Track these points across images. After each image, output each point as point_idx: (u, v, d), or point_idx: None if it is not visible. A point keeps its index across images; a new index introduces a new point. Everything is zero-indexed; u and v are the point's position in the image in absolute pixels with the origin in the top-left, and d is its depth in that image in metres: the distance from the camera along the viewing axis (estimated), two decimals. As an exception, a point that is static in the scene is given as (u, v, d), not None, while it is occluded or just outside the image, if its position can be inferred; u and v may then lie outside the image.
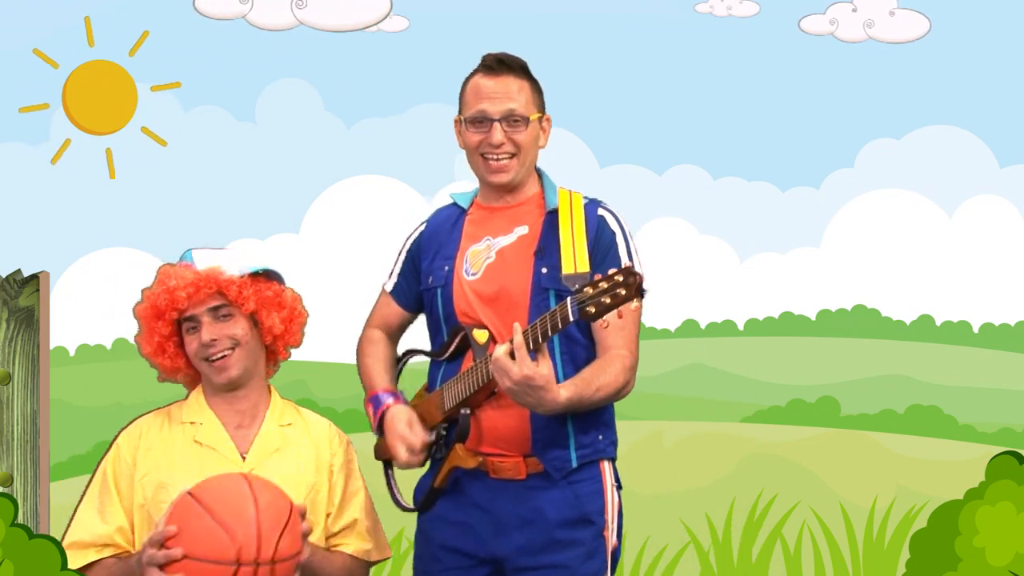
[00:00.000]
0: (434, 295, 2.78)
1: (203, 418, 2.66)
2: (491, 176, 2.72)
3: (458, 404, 2.68)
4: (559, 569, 2.65)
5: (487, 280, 2.71)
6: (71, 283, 4.14)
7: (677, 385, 4.35)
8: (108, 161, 4.14)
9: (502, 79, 2.72)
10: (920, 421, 4.35)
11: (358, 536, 2.71)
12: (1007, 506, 2.46)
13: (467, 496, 2.73)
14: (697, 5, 4.39)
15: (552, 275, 2.64)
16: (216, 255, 2.69)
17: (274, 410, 2.71)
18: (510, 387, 2.47)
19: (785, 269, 4.41)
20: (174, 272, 2.63)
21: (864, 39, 4.41)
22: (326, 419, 2.79)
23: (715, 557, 4.26)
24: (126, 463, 2.64)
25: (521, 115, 2.70)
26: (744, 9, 4.38)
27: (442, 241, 2.82)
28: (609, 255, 2.67)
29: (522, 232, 2.73)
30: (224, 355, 2.61)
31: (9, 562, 2.28)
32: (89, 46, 4.13)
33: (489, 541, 2.70)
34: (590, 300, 2.35)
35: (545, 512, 2.66)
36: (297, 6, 4.07)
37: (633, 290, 2.33)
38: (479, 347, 2.67)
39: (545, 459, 2.66)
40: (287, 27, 4.21)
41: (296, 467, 2.65)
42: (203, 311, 2.61)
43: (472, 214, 2.82)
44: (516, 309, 2.64)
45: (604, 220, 2.72)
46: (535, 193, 2.78)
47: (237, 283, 2.63)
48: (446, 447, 2.74)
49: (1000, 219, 4.45)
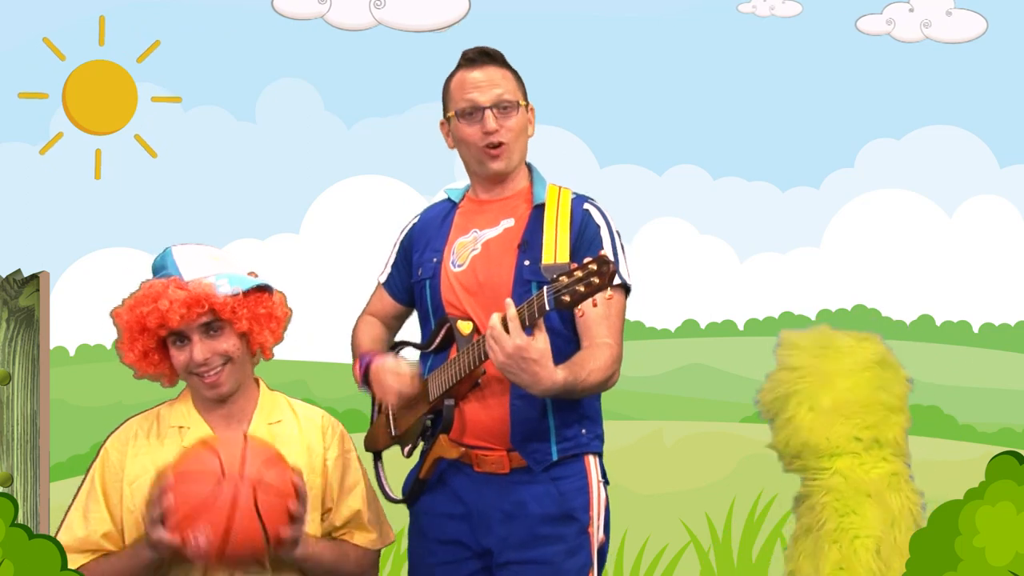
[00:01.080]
0: (423, 287, 2.81)
1: (191, 422, 2.64)
2: (492, 163, 2.74)
3: (442, 394, 2.69)
4: (542, 565, 2.65)
5: (471, 271, 2.73)
6: (71, 283, 4.14)
7: (677, 385, 4.35)
8: (96, 161, 4.14)
9: (486, 69, 2.75)
10: (920, 421, 4.34)
11: (361, 527, 2.70)
12: (1007, 506, 2.46)
13: (454, 489, 2.74)
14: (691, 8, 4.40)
15: (534, 267, 2.65)
16: (201, 263, 2.62)
17: (262, 408, 2.67)
18: (503, 361, 2.45)
19: (785, 269, 4.41)
20: (163, 290, 2.55)
21: (921, 39, 4.41)
22: (319, 410, 2.75)
23: (715, 557, 4.27)
24: (115, 467, 2.62)
25: (510, 100, 2.74)
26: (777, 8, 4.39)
27: (432, 234, 2.85)
28: (592, 247, 2.68)
29: (508, 224, 2.75)
30: (217, 371, 2.58)
31: (9, 562, 2.27)
32: (99, 45, 4.14)
33: (479, 533, 2.71)
34: (565, 289, 2.36)
35: (527, 507, 2.66)
36: (375, 6, 4.08)
37: (607, 278, 2.33)
38: (463, 338, 2.67)
39: (525, 452, 2.66)
40: (365, 27, 4.22)
41: None
42: (194, 327, 2.56)
43: (462, 207, 2.85)
44: (499, 300, 2.64)
45: (589, 214, 2.73)
46: (524, 187, 2.80)
47: (231, 304, 2.57)
48: (432, 438, 2.75)
49: (1000, 219, 4.45)
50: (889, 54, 4.41)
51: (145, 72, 4.20)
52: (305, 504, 2.45)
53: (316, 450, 2.67)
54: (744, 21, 4.40)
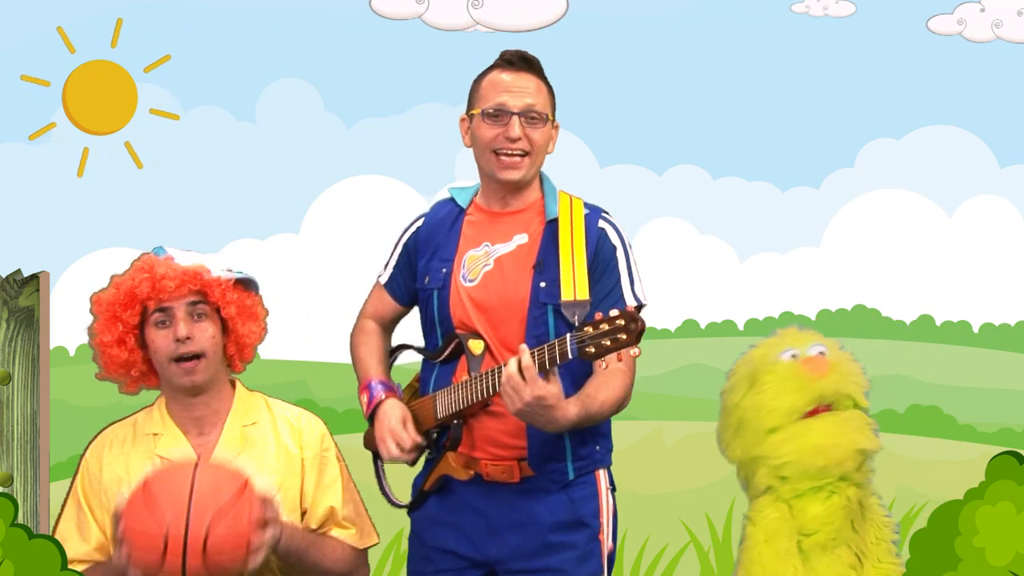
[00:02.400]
0: (430, 296, 2.76)
1: (163, 428, 2.63)
2: (502, 173, 2.69)
3: (451, 415, 2.67)
4: (553, 573, 2.64)
5: (484, 289, 2.69)
6: (71, 283, 4.13)
7: (677, 385, 4.34)
8: (81, 160, 4.14)
9: (523, 75, 2.70)
10: (920, 421, 4.35)
11: (337, 525, 2.67)
12: (1007, 506, 2.46)
13: (460, 498, 2.72)
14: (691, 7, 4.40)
15: (550, 290, 2.62)
16: (193, 255, 2.64)
17: (237, 411, 2.66)
18: (521, 408, 2.45)
19: (785, 269, 4.41)
20: (159, 261, 2.59)
21: (992, 39, 4.40)
22: (298, 409, 2.73)
23: (715, 557, 4.26)
24: (94, 478, 2.63)
25: (540, 112, 2.68)
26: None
27: (440, 242, 2.79)
28: (608, 270, 2.66)
29: (521, 241, 2.71)
30: (196, 356, 2.57)
31: (9, 562, 2.27)
32: (111, 47, 4.14)
33: (482, 544, 2.69)
34: (590, 340, 2.34)
35: (538, 516, 2.65)
36: (473, 6, 4.06)
37: (635, 336, 2.32)
38: (474, 358, 2.65)
39: (542, 472, 2.65)
40: (463, 27, 4.21)
41: (260, 469, 2.57)
42: (180, 304, 2.56)
43: (471, 215, 2.79)
44: (512, 321, 2.63)
45: (605, 233, 2.69)
46: (536, 199, 2.75)
47: (222, 285, 2.60)
48: (437, 451, 2.73)
49: (1000, 219, 4.44)
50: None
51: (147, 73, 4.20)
52: (276, 522, 2.41)
53: (292, 451, 2.65)
54: (744, 21, 4.40)
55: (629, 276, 2.67)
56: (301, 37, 4.26)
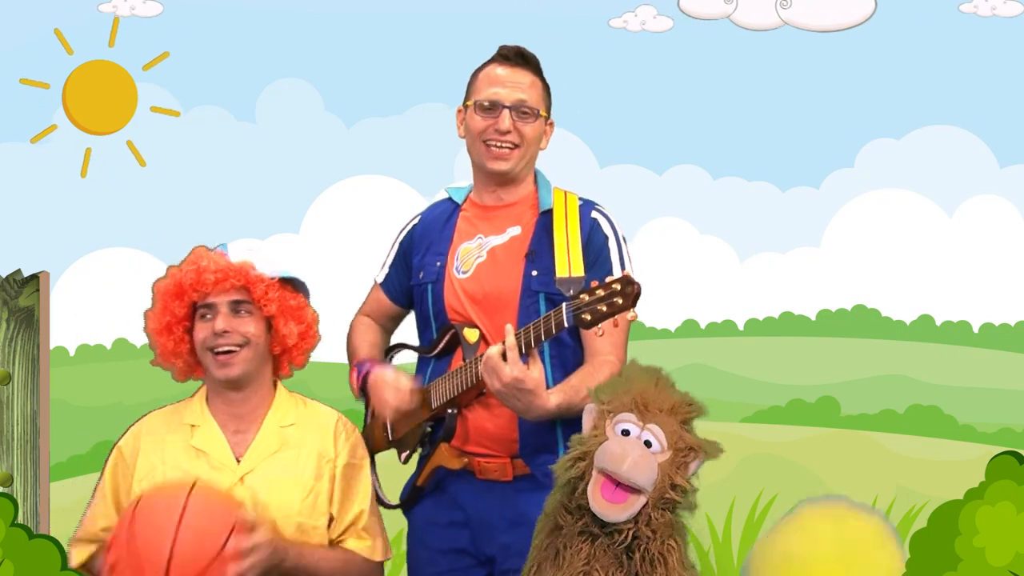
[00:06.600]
0: (424, 290, 2.79)
1: (202, 420, 2.65)
2: (491, 163, 2.72)
3: (445, 403, 2.68)
4: None
5: (477, 279, 2.71)
6: (71, 283, 4.14)
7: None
8: (84, 160, 4.14)
9: (518, 70, 2.74)
10: (920, 421, 4.35)
11: (357, 535, 2.67)
12: (1007, 506, 2.46)
13: (454, 498, 2.73)
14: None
15: (542, 279, 2.64)
16: (251, 253, 2.67)
17: (276, 411, 2.67)
18: (499, 389, 2.46)
19: (785, 269, 4.41)
20: (207, 255, 2.62)
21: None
22: (336, 413, 2.73)
23: (715, 557, 4.26)
24: (126, 465, 2.64)
25: (531, 107, 2.72)
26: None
27: (434, 237, 2.83)
28: (600, 259, 2.67)
29: (514, 232, 2.73)
30: (231, 351, 2.58)
31: (9, 562, 2.27)
32: (109, 46, 4.14)
33: (480, 541, 2.70)
34: (586, 307, 2.35)
35: (531, 515, 2.64)
36: (782, 6, 4.04)
37: (631, 300, 2.33)
38: (469, 346, 2.67)
39: (533, 464, 2.65)
40: (772, 27, 4.21)
41: (293, 470, 2.61)
42: (223, 301, 2.59)
43: (466, 210, 2.83)
44: (505, 310, 2.64)
45: (597, 223, 2.72)
46: (529, 192, 2.78)
47: (265, 283, 2.61)
48: (431, 445, 2.74)
49: (1000, 219, 4.44)
50: (890, 52, 4.40)
51: (146, 71, 4.20)
52: (263, 548, 2.40)
53: (327, 455, 2.65)
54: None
55: (621, 263, 2.68)
56: (301, 37, 4.26)
